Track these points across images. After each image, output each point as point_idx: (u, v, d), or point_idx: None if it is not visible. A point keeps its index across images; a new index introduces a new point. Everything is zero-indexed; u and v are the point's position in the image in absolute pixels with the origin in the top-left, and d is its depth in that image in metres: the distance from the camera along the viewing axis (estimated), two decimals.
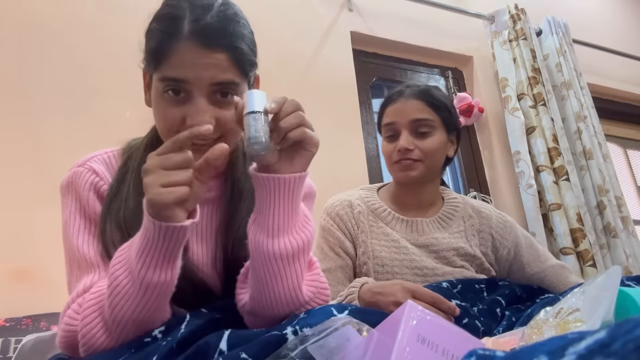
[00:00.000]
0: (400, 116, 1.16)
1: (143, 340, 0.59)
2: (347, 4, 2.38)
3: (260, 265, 0.66)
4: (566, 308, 0.49)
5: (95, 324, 0.63)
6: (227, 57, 0.71)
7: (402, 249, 1.12)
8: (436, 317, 0.47)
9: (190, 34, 0.69)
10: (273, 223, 0.65)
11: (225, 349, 0.55)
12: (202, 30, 0.69)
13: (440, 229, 1.17)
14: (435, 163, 1.17)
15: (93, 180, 0.76)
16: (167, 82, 0.71)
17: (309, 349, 0.48)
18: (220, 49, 0.70)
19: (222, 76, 0.70)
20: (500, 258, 1.18)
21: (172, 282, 0.63)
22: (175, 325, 0.61)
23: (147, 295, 0.61)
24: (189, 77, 0.69)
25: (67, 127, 1.63)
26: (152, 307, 0.62)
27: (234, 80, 0.72)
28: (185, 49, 0.69)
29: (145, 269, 0.60)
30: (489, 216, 1.21)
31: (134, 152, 0.81)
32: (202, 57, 0.69)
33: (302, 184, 0.69)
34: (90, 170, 0.77)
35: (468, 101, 2.49)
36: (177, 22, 0.70)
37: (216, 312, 0.66)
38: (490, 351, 0.36)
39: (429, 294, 0.87)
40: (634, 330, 0.26)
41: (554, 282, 1.17)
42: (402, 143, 1.13)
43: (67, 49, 1.73)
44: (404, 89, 1.20)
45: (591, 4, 3.38)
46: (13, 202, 1.48)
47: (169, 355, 0.55)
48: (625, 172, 3.20)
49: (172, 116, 0.71)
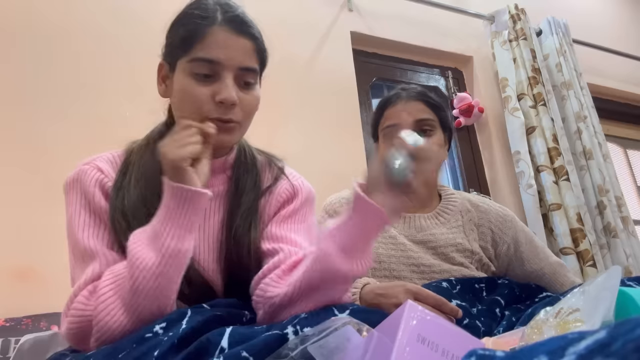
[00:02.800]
0: (402, 117, 1.17)
1: (144, 335, 0.59)
2: (347, 4, 2.38)
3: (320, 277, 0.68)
4: (566, 308, 0.49)
5: (114, 304, 0.64)
6: (252, 45, 0.80)
7: (400, 246, 1.12)
8: (436, 317, 0.47)
9: (224, 20, 0.78)
10: (352, 244, 0.69)
11: (226, 347, 0.55)
12: (234, 18, 0.79)
13: (438, 224, 1.17)
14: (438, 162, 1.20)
15: (98, 177, 0.78)
16: (199, 63, 0.77)
17: (309, 349, 0.48)
18: (248, 37, 0.79)
19: (248, 62, 0.79)
20: (500, 253, 1.18)
21: (188, 252, 0.68)
22: (176, 320, 0.61)
23: (168, 264, 0.65)
24: (222, 57, 0.77)
25: (68, 127, 1.63)
26: (171, 277, 0.66)
27: (256, 69, 0.80)
28: (219, 32, 0.77)
29: (165, 236, 0.66)
30: (487, 210, 1.22)
31: (135, 148, 0.85)
32: (234, 41, 0.78)
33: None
34: (96, 168, 0.80)
35: (468, 101, 2.49)
36: (211, 11, 0.79)
37: (218, 309, 0.66)
38: (490, 351, 0.36)
39: (432, 296, 0.86)
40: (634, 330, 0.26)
41: (552, 280, 1.17)
42: None
43: (67, 51, 1.73)
44: (400, 91, 1.21)
45: (591, 4, 3.38)
46: (13, 202, 1.48)
47: (170, 350, 0.55)
48: (625, 172, 3.20)
49: (201, 93, 0.77)
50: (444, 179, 2.47)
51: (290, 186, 0.89)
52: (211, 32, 0.77)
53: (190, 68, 0.78)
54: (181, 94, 0.80)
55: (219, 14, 0.78)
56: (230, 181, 0.86)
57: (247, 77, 0.79)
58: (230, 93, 0.76)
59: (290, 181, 0.90)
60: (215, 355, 0.54)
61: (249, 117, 0.82)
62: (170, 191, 0.68)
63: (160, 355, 0.55)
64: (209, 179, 0.76)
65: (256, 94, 0.82)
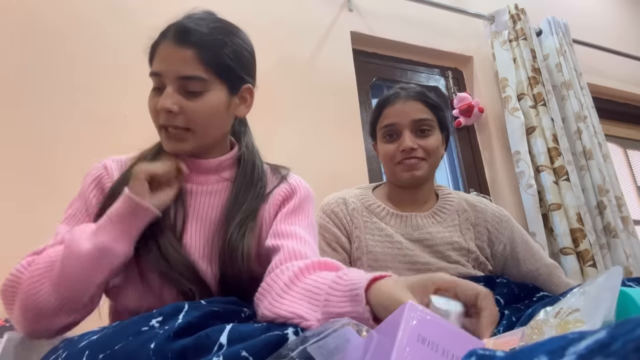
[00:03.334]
0: (400, 117, 1.17)
1: (140, 329, 0.59)
2: (347, 4, 2.38)
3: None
4: (566, 308, 0.49)
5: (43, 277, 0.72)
6: (194, 53, 0.81)
7: (396, 244, 1.13)
8: (436, 317, 0.47)
9: (171, 34, 0.83)
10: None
11: (225, 343, 0.55)
12: (177, 29, 0.82)
13: (434, 223, 1.18)
14: (436, 161, 1.20)
15: (100, 174, 0.87)
16: (152, 77, 0.85)
17: (308, 350, 0.48)
18: (189, 45, 0.81)
19: (187, 71, 0.81)
20: (496, 253, 1.19)
21: (121, 253, 0.75)
22: (172, 315, 0.61)
23: (96, 257, 0.73)
24: (162, 69, 0.82)
25: (67, 126, 1.63)
26: (97, 269, 0.73)
27: (200, 76, 0.82)
28: (163, 46, 0.83)
29: (104, 233, 0.74)
30: (484, 210, 1.22)
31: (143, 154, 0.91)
32: (174, 52, 0.81)
33: None
34: (102, 167, 0.89)
35: (468, 101, 2.49)
36: (169, 27, 0.84)
37: (215, 304, 0.66)
38: (490, 351, 0.36)
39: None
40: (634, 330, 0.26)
41: (547, 281, 1.18)
42: (407, 143, 1.15)
43: (67, 50, 1.73)
44: (399, 91, 1.22)
45: (591, 4, 3.38)
46: (13, 201, 1.48)
47: (165, 343, 0.55)
48: (625, 172, 3.20)
49: (152, 104, 0.84)
50: (443, 179, 2.47)
51: (287, 185, 0.92)
52: (160, 47, 0.84)
53: (153, 82, 0.86)
54: (148, 106, 0.87)
55: (172, 28, 0.83)
56: (228, 183, 0.90)
57: (189, 86, 0.82)
58: (164, 101, 0.81)
59: (287, 181, 0.93)
60: (213, 352, 0.54)
61: (200, 125, 0.84)
62: (122, 197, 0.77)
63: (156, 348, 0.55)
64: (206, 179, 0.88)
65: (204, 102, 0.83)
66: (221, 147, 0.92)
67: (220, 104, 0.85)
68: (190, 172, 0.88)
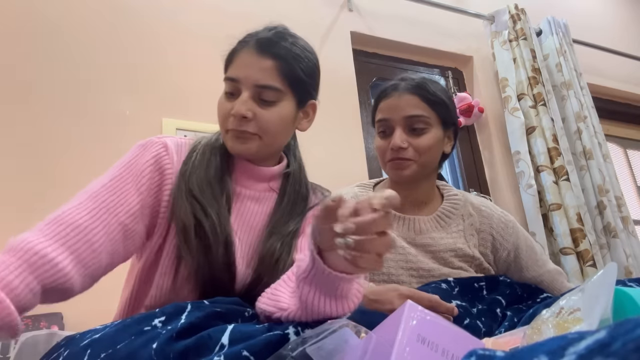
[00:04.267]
0: (393, 112, 1.11)
1: (143, 328, 0.59)
2: (347, 4, 2.38)
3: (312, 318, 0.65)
4: (567, 308, 0.49)
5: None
6: (274, 65, 0.85)
7: (398, 249, 1.09)
8: (436, 317, 0.47)
9: (253, 43, 0.86)
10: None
11: (226, 344, 0.55)
12: (260, 40, 0.86)
13: (438, 228, 1.14)
14: (429, 161, 1.12)
15: (160, 152, 0.85)
16: (227, 82, 0.88)
17: (307, 351, 0.48)
18: (270, 56, 0.85)
19: (265, 80, 0.85)
20: (499, 259, 1.16)
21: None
22: (175, 315, 0.61)
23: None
24: (240, 76, 0.85)
25: (68, 125, 1.63)
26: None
27: (276, 87, 0.86)
28: (244, 54, 0.87)
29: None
30: (490, 215, 1.18)
31: (202, 140, 0.92)
32: (254, 61, 0.85)
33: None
34: (163, 145, 0.86)
35: (468, 101, 2.49)
36: (250, 36, 0.89)
37: (217, 305, 0.66)
38: (490, 351, 0.36)
39: (427, 297, 0.85)
40: (634, 330, 0.26)
41: (549, 287, 1.15)
42: (396, 141, 1.08)
43: (67, 49, 1.73)
44: (398, 82, 1.16)
45: (591, 4, 3.38)
46: (13, 201, 1.48)
47: (168, 343, 0.55)
48: (625, 172, 3.20)
49: (224, 108, 0.87)
50: None
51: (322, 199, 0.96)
52: (240, 54, 0.87)
53: (225, 87, 0.88)
54: (217, 109, 0.90)
55: (254, 38, 0.87)
56: (274, 194, 0.93)
57: (264, 95, 0.85)
58: (240, 107, 0.83)
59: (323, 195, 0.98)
60: (215, 352, 0.54)
61: (267, 132, 0.86)
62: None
63: (159, 347, 0.55)
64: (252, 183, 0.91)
65: (276, 112, 0.86)
66: (275, 157, 0.96)
67: (288, 116, 0.89)
68: (241, 175, 0.90)
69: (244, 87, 0.85)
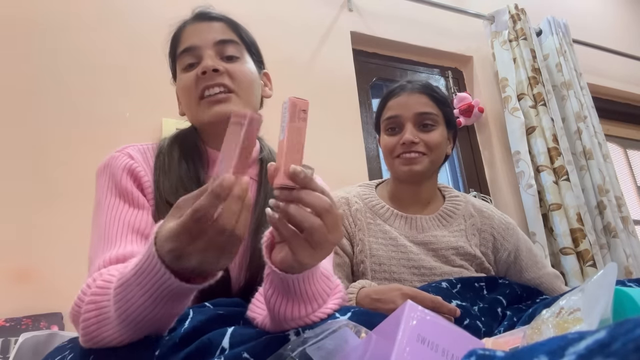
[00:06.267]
0: (404, 109, 1.15)
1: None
2: (347, 4, 2.38)
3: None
4: (567, 308, 0.49)
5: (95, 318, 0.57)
6: (223, 25, 0.88)
7: (400, 247, 1.11)
8: (436, 317, 0.47)
9: (192, 18, 0.89)
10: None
11: (227, 347, 0.55)
12: (202, 12, 0.89)
13: (440, 226, 1.15)
14: (438, 158, 1.16)
15: (128, 162, 0.81)
16: (182, 56, 0.86)
17: (307, 351, 0.48)
18: (216, 20, 0.88)
19: (223, 35, 0.86)
20: (500, 260, 1.17)
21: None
22: (178, 320, 0.61)
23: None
24: (196, 41, 0.85)
25: (68, 127, 1.63)
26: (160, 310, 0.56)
27: (235, 40, 0.87)
28: (191, 27, 0.88)
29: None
30: (491, 216, 1.20)
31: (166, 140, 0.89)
32: (204, 27, 0.87)
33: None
34: (127, 155, 0.82)
35: (468, 101, 2.49)
36: (183, 20, 0.91)
37: (220, 308, 0.66)
38: (490, 351, 0.36)
39: (429, 298, 0.85)
40: (634, 330, 0.26)
41: (548, 290, 1.15)
42: (408, 136, 1.12)
43: (65, 51, 1.73)
44: (405, 83, 1.20)
45: (591, 4, 3.38)
46: (13, 202, 1.48)
47: (172, 349, 0.55)
48: (625, 172, 3.20)
49: (188, 78, 0.84)
50: (443, 179, 2.47)
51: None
52: (184, 30, 0.89)
53: (180, 67, 0.87)
54: (180, 92, 0.88)
55: (189, 18, 0.90)
56: (253, 182, 0.86)
57: (227, 51, 0.85)
58: (207, 62, 0.82)
59: None
60: (216, 356, 0.54)
61: (241, 86, 0.84)
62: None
63: (162, 354, 0.55)
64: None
65: (244, 65, 0.86)
66: None
67: (255, 72, 0.89)
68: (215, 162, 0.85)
69: (204, 50, 0.84)
